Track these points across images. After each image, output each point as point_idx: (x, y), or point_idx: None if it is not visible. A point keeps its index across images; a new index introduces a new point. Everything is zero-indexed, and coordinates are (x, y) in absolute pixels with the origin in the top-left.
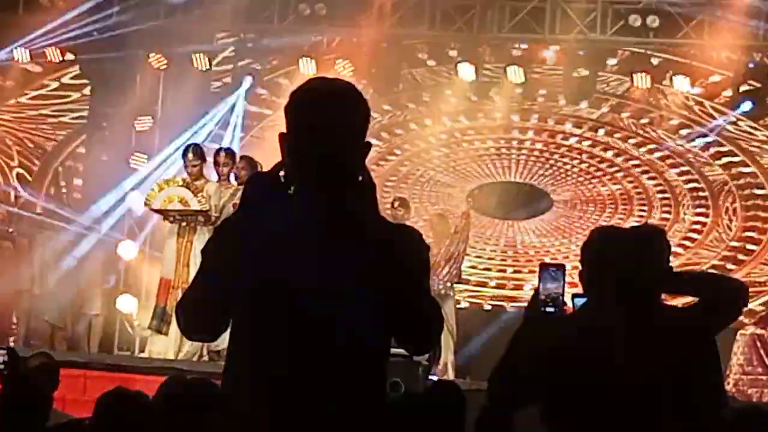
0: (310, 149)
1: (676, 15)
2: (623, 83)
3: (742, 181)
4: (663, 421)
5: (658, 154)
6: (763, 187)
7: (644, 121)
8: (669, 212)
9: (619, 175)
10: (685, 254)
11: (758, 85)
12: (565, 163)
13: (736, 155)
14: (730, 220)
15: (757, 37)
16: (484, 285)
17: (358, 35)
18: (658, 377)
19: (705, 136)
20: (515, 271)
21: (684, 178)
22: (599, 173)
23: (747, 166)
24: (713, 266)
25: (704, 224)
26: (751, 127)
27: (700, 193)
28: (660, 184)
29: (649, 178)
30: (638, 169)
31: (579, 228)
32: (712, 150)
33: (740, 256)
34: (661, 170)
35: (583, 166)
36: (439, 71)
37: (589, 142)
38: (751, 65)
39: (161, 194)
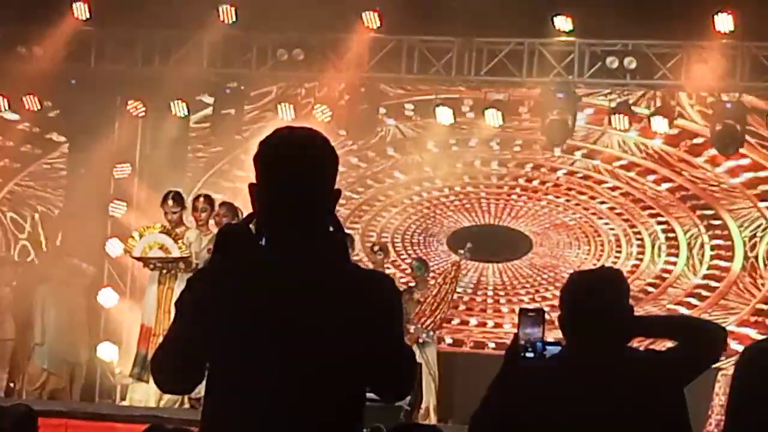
0: (279, 199)
1: (653, 56)
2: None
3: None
4: None
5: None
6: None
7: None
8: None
9: (601, 216)
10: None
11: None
12: (542, 206)
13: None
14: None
15: (734, 76)
16: (465, 326)
17: (336, 80)
18: (632, 420)
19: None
20: (495, 312)
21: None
22: (578, 215)
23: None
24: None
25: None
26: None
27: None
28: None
29: (624, 220)
30: (615, 212)
31: (556, 271)
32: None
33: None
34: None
35: (562, 208)
36: (417, 114)
37: (571, 182)
38: (728, 106)
39: (141, 241)
